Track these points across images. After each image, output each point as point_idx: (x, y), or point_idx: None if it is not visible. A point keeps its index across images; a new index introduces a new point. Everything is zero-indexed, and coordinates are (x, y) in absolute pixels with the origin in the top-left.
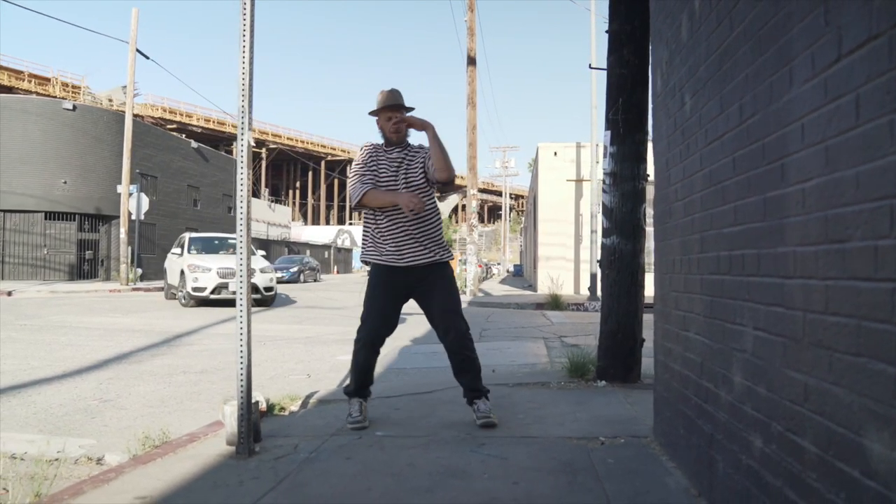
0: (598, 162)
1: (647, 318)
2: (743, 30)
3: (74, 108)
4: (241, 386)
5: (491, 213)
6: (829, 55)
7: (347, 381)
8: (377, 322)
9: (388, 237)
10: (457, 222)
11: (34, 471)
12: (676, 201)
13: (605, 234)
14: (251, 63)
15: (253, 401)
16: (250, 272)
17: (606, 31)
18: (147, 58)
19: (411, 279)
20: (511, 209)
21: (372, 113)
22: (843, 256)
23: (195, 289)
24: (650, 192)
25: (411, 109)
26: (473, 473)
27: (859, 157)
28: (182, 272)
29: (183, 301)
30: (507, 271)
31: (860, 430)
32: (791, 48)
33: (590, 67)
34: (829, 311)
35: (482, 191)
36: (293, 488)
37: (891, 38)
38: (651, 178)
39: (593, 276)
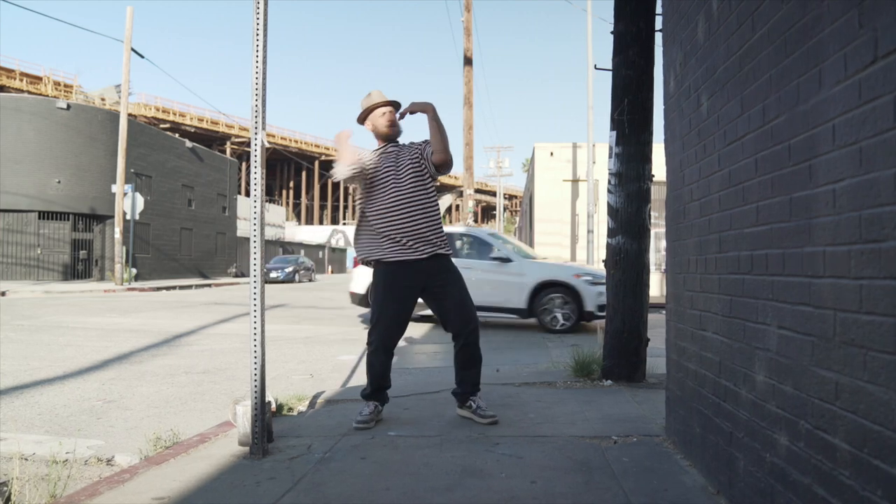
0: (594, 162)
1: (653, 318)
2: (767, 31)
3: (68, 107)
4: (255, 386)
5: (485, 212)
6: (864, 57)
7: (351, 383)
8: (388, 326)
9: (397, 231)
10: (451, 222)
11: (46, 472)
12: (692, 201)
13: (611, 234)
14: (264, 62)
15: (266, 400)
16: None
17: (612, 32)
18: (142, 56)
19: (422, 275)
20: (505, 209)
21: (363, 115)
22: (879, 256)
23: (601, 307)
24: (654, 192)
25: (399, 106)
26: (491, 473)
27: None
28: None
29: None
30: None
31: None
32: (821, 50)
33: (595, 68)
34: (863, 310)
35: (477, 191)
36: (311, 488)
37: None
38: (656, 177)
39: None
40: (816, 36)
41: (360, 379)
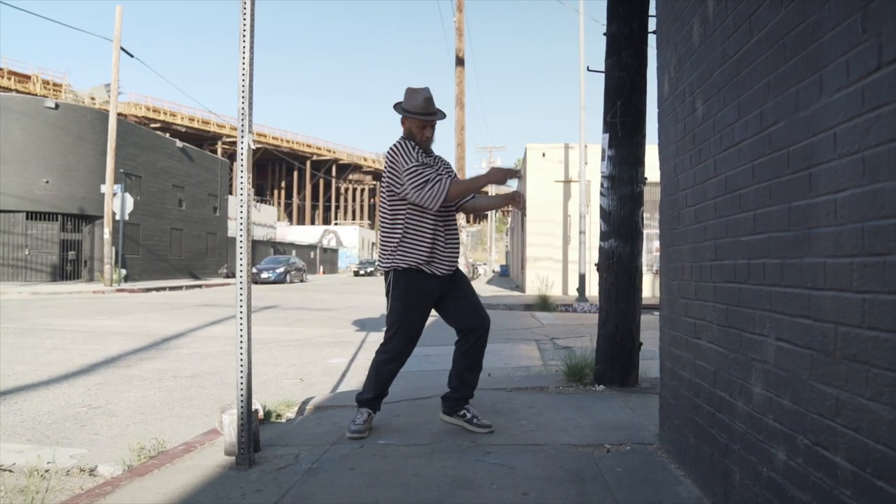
0: (586, 163)
1: (645, 320)
2: (765, 35)
3: (57, 106)
4: (242, 394)
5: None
6: (867, 63)
7: (342, 388)
8: (410, 338)
9: (448, 244)
10: None
11: (25, 484)
12: (686, 207)
13: (603, 237)
14: (251, 64)
15: (252, 408)
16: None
17: (604, 34)
18: (132, 56)
19: (440, 286)
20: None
21: (406, 112)
22: (883, 270)
23: None
24: (646, 193)
25: (443, 116)
26: (482, 484)
27: None
28: None
29: None
30: (494, 272)
31: None
32: (821, 56)
33: (588, 70)
34: (866, 325)
35: None
36: (298, 501)
37: None
38: (649, 180)
39: (582, 277)
40: (817, 41)
41: (351, 383)
